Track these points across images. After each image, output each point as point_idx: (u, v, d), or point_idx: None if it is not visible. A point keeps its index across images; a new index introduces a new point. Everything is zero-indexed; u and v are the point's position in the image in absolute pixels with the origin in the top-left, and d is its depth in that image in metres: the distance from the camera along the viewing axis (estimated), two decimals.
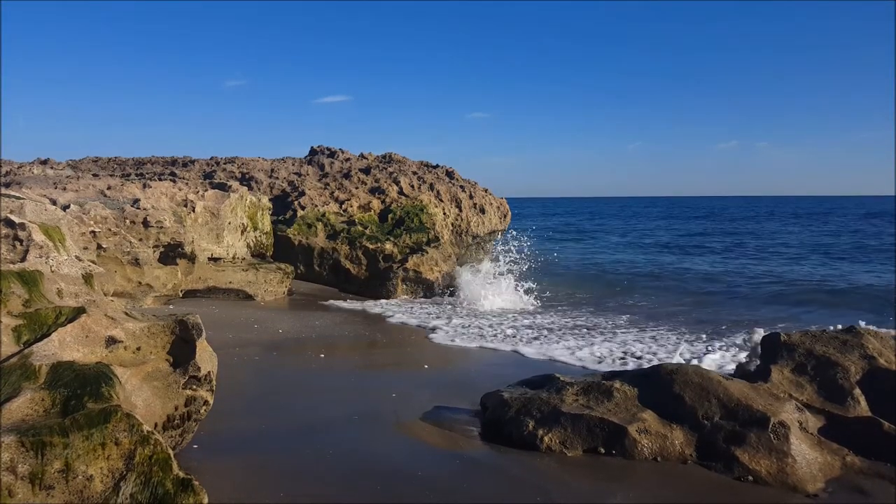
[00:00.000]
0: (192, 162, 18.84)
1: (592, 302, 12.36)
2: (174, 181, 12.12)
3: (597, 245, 27.89)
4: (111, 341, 3.77)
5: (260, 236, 13.06)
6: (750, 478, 3.99)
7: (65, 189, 10.28)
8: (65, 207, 9.14)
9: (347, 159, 18.82)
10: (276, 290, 11.90)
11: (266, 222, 13.33)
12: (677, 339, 8.71)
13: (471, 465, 4.21)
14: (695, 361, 7.03)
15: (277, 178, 16.49)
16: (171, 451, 3.01)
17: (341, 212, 14.62)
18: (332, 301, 11.93)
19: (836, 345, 4.91)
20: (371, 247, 13.36)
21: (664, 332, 9.28)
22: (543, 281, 13.18)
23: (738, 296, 13.56)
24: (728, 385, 4.48)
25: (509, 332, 9.10)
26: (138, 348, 3.88)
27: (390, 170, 17.31)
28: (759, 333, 5.45)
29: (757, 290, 14.26)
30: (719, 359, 7.44)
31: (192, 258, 10.85)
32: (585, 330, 9.38)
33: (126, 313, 4.21)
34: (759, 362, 5.11)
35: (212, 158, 19.32)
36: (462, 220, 16.54)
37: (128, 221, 9.88)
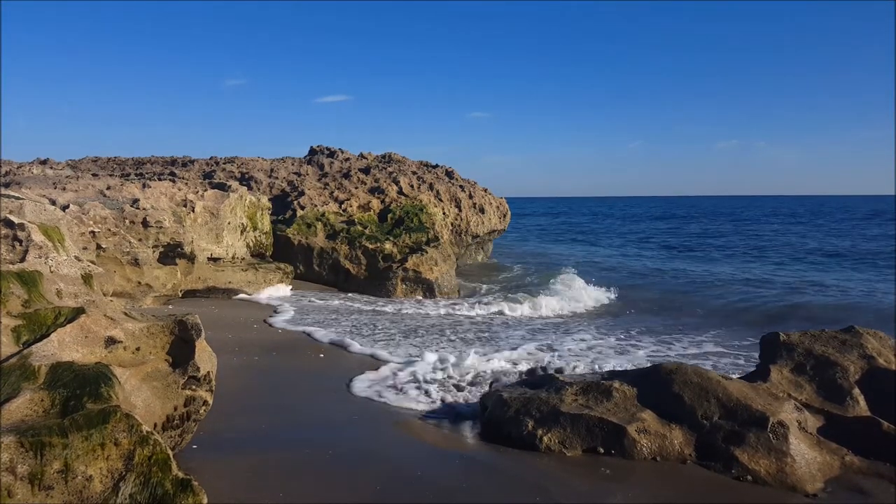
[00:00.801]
0: (192, 162, 18.86)
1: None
2: (174, 181, 12.12)
3: (597, 247, 27.86)
4: (110, 341, 3.77)
5: (259, 236, 13.06)
6: (749, 477, 3.99)
7: (64, 189, 10.28)
8: (64, 207, 9.14)
9: (347, 159, 18.84)
10: None
11: (265, 222, 13.33)
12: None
13: (471, 465, 4.21)
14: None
15: (277, 177, 16.50)
16: (170, 452, 3.01)
17: (341, 211, 14.63)
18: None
19: (836, 344, 4.91)
20: (370, 247, 13.36)
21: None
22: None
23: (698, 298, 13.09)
24: (727, 385, 4.48)
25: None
26: (137, 348, 3.88)
27: (390, 169, 17.33)
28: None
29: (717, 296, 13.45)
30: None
31: (191, 258, 10.85)
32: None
33: (125, 313, 4.21)
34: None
35: (211, 158, 19.34)
36: (462, 219, 16.56)
37: (127, 221, 9.88)
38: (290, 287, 12.25)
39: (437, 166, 19.05)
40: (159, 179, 12.32)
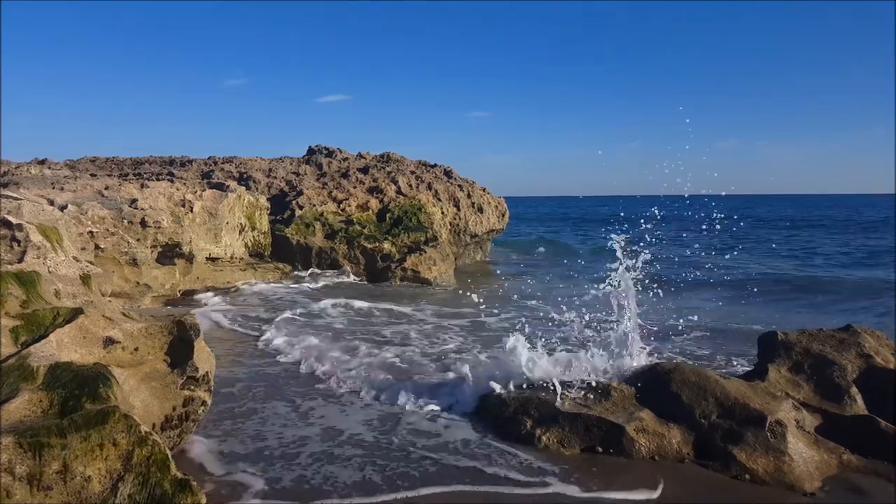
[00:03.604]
0: (190, 161, 18.84)
1: None
2: (172, 181, 12.11)
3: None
4: (109, 342, 3.77)
5: (258, 236, 13.07)
6: (747, 476, 4.00)
7: (62, 189, 10.27)
8: (62, 208, 9.13)
9: (345, 159, 18.84)
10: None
11: (264, 222, 13.34)
12: None
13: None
14: None
15: (275, 177, 16.50)
16: (168, 452, 3.01)
17: (339, 211, 14.63)
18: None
19: (833, 343, 4.92)
20: (369, 246, 13.37)
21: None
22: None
23: None
24: (725, 384, 4.49)
25: None
26: (136, 349, 3.88)
27: (388, 169, 17.32)
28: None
29: None
30: None
31: (190, 258, 10.85)
32: None
33: (124, 314, 4.22)
34: None
35: (210, 158, 19.32)
36: (460, 219, 16.56)
37: (126, 221, 9.88)
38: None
39: (435, 166, 19.05)
40: (157, 179, 12.32)
